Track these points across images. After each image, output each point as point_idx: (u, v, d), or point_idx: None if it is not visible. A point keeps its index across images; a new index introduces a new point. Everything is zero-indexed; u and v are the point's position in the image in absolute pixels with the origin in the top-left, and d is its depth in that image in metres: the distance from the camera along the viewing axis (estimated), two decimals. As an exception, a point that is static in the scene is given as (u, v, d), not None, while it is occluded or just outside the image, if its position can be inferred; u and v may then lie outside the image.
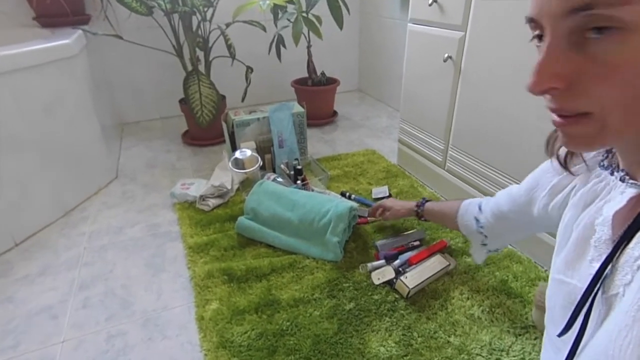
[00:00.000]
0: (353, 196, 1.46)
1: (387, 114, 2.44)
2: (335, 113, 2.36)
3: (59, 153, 1.39)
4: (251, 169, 1.47)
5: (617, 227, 0.39)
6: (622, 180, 0.40)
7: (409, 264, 1.09)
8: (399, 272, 1.05)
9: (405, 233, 1.22)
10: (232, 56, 1.86)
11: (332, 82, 2.27)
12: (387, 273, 1.05)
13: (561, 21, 0.30)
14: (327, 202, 1.20)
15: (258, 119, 1.63)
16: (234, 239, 1.23)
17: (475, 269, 1.09)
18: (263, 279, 1.07)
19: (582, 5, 0.28)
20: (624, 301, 0.35)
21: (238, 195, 1.49)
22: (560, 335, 0.42)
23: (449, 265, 1.07)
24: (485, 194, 1.28)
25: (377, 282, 1.04)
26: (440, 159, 1.47)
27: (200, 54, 1.91)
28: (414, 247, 1.17)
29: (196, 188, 1.47)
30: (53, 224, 1.37)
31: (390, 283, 1.04)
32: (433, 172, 1.53)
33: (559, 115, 0.34)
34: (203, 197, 1.40)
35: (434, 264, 1.06)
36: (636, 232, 0.35)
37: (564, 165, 0.48)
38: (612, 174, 0.42)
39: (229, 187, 1.45)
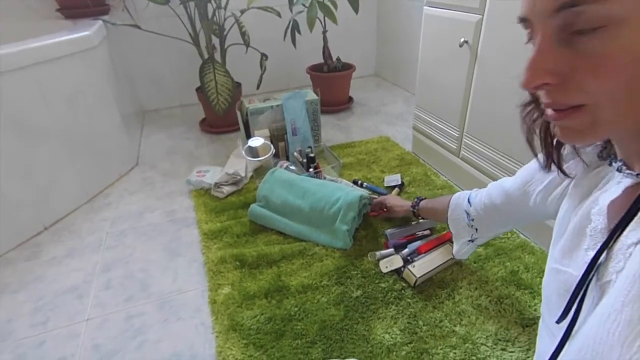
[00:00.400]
0: (365, 184, 1.46)
1: (404, 99, 2.40)
2: (350, 99, 2.34)
3: (83, 142, 1.45)
4: (264, 157, 1.49)
5: (613, 216, 0.40)
6: (619, 170, 0.40)
7: (417, 253, 1.09)
8: (407, 261, 1.06)
9: (416, 222, 1.22)
10: (247, 44, 1.87)
11: (348, 67, 2.24)
12: (395, 261, 1.06)
13: (550, 19, 0.31)
14: (338, 191, 1.21)
15: (272, 107, 1.64)
16: (247, 225, 1.27)
17: (485, 259, 1.09)
18: (273, 265, 1.10)
19: (567, 3, 0.29)
20: (615, 287, 0.36)
21: (252, 182, 1.52)
22: (558, 321, 0.43)
23: (458, 255, 1.06)
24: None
25: (385, 271, 1.05)
26: (455, 147, 1.45)
27: (216, 41, 1.93)
28: (423, 237, 1.17)
29: (211, 175, 1.51)
30: (78, 209, 1.44)
31: (398, 272, 1.05)
32: (447, 160, 1.51)
33: (553, 110, 0.35)
34: (217, 185, 1.44)
35: (443, 254, 1.06)
36: (630, 220, 0.36)
37: (558, 166, 0.48)
38: (610, 164, 0.43)
39: (243, 175, 1.48)
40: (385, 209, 1.24)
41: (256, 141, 1.49)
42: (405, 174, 1.54)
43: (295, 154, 1.58)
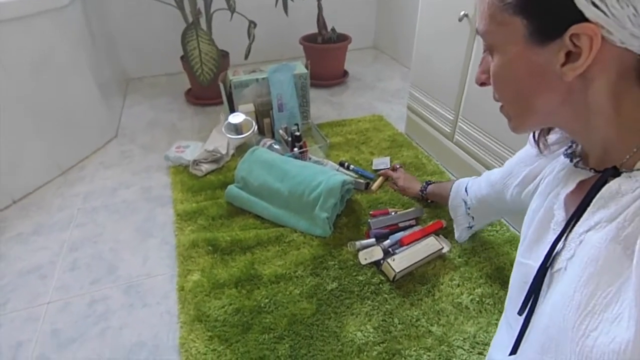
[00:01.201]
0: (352, 166, 1.39)
1: (401, 75, 2.28)
2: (345, 73, 2.22)
3: (52, 112, 1.36)
4: (244, 135, 1.41)
5: (570, 208, 0.44)
6: (575, 165, 0.46)
7: (400, 244, 1.03)
8: (387, 253, 1.01)
9: (401, 211, 1.15)
10: (232, 9, 1.73)
11: (343, 39, 2.11)
12: (375, 253, 1.00)
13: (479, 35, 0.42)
14: (320, 174, 1.13)
15: (257, 80, 1.54)
16: (224, 207, 1.20)
17: (471, 253, 1.03)
18: (247, 251, 1.05)
19: (477, 30, 0.42)
20: (566, 274, 0.39)
21: (233, 160, 1.45)
22: (519, 313, 0.46)
23: (442, 248, 1.01)
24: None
25: (363, 262, 1.00)
26: (449, 131, 1.36)
27: (201, 5, 1.79)
28: (408, 227, 1.11)
29: (191, 151, 1.43)
30: (50, 183, 1.37)
31: (377, 264, 1.00)
32: (440, 143, 1.43)
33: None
34: (196, 162, 1.36)
35: (426, 247, 1.00)
36: (584, 211, 0.39)
37: (536, 142, 0.52)
38: (571, 161, 0.47)
39: (224, 152, 1.40)
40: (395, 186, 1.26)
41: (237, 117, 1.40)
42: (395, 157, 1.46)
43: (281, 131, 1.49)
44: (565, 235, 0.41)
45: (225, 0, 1.70)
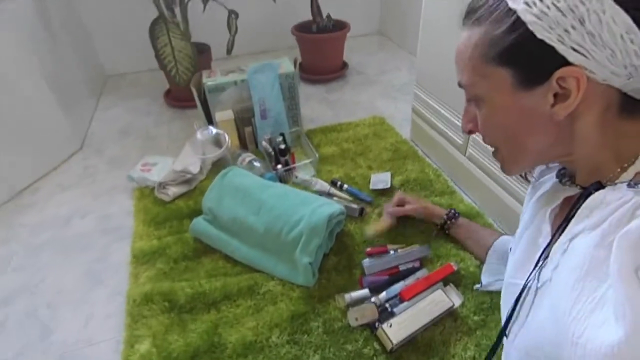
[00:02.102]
0: (345, 186, 1.17)
1: (409, 65, 2.02)
2: (345, 65, 1.97)
3: (-5, 127, 1.17)
4: (211, 155, 1.19)
5: (556, 223, 0.46)
6: (563, 184, 0.47)
7: (400, 299, 0.82)
8: (384, 311, 0.80)
9: (402, 251, 0.94)
10: None
11: (341, 27, 1.85)
12: (368, 313, 0.79)
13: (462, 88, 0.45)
14: (302, 207, 0.92)
15: (235, 82, 1.31)
16: (189, 245, 1.00)
17: (490, 309, 0.82)
18: (212, 308, 0.85)
19: (459, 83, 0.45)
20: (552, 286, 0.40)
21: (208, 179, 1.24)
22: (505, 335, 0.49)
23: (452, 305, 0.79)
24: (511, 193, 0.96)
25: (353, 324, 0.79)
26: (461, 142, 1.13)
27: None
28: (411, 271, 0.90)
29: (159, 170, 1.23)
30: (-3, 210, 1.20)
31: (371, 326, 0.79)
32: (451, 156, 1.19)
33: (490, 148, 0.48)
34: (163, 185, 1.16)
35: (432, 306, 0.79)
36: (568, 223, 0.40)
37: (524, 176, 0.54)
38: (560, 181, 0.48)
39: (195, 172, 1.19)
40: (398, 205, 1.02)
41: (205, 133, 1.18)
42: (398, 172, 1.23)
43: (264, 143, 1.27)
44: (550, 248, 0.43)
45: (195, -13, 1.46)
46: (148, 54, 1.89)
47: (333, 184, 1.18)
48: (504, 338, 0.51)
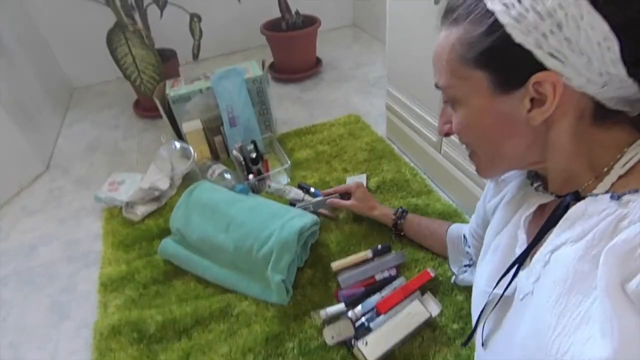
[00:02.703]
0: (312, 190, 1.12)
1: (383, 57, 1.97)
2: (318, 62, 1.92)
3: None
4: (181, 170, 1.15)
5: (531, 232, 0.45)
6: (536, 189, 0.46)
7: (376, 312, 0.80)
8: (361, 327, 0.77)
9: (377, 260, 0.91)
10: (160, 3, 1.41)
11: (311, 22, 1.79)
12: (344, 329, 0.77)
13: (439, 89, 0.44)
14: (272, 220, 0.89)
15: (200, 90, 1.26)
16: (159, 267, 0.96)
17: (468, 317, 0.79)
18: (183, 335, 0.82)
19: (435, 85, 0.44)
20: (534, 299, 0.39)
21: (179, 194, 1.19)
22: (483, 346, 0.49)
23: (430, 316, 0.77)
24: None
25: (330, 343, 0.77)
26: (435, 140, 1.10)
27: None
28: (387, 280, 0.87)
29: (126, 189, 1.18)
30: (-42, 243, 1.14)
31: (348, 343, 0.77)
32: (426, 154, 1.16)
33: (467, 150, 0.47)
34: (130, 204, 1.11)
35: (409, 318, 0.76)
36: (546, 233, 0.40)
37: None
38: (532, 184, 0.48)
39: (164, 188, 1.15)
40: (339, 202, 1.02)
41: (169, 148, 1.13)
42: (374, 172, 1.20)
43: (235, 152, 1.23)
44: (527, 258, 0.43)
45: (148, -7, 1.39)
46: (114, 63, 1.81)
47: (300, 188, 1.14)
48: (481, 347, 0.50)
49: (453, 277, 0.83)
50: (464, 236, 0.79)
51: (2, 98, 1.27)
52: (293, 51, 1.82)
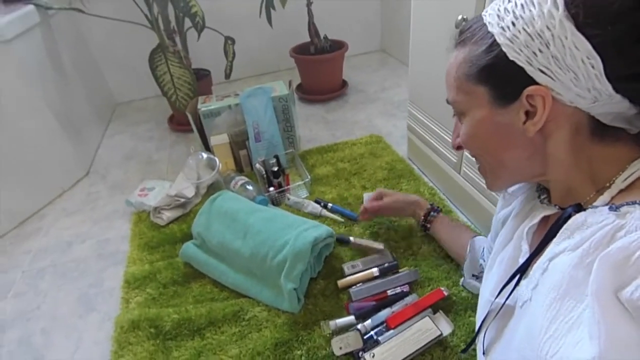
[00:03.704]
0: (330, 205, 1.15)
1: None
2: (344, 84, 1.98)
3: (2, 159, 1.22)
4: (205, 179, 1.21)
5: (534, 242, 0.47)
6: (541, 202, 0.49)
7: (386, 327, 0.80)
8: (369, 340, 0.78)
9: (391, 276, 0.91)
10: (199, 28, 1.53)
11: (339, 47, 1.87)
12: (353, 341, 0.77)
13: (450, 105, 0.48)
14: (287, 230, 0.92)
15: (230, 106, 1.34)
16: (179, 269, 1.01)
17: (481, 337, 0.78)
18: (196, 335, 0.85)
19: (447, 100, 0.48)
20: (531, 305, 0.40)
21: (203, 203, 1.25)
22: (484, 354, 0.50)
23: (440, 334, 0.76)
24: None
25: (337, 353, 0.77)
26: (455, 160, 1.11)
27: (176, 23, 1.62)
28: (399, 296, 0.87)
29: (155, 195, 1.26)
30: (3, 237, 1.24)
31: (355, 355, 0.77)
32: (446, 175, 1.17)
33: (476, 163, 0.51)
34: (158, 209, 1.18)
35: (419, 335, 0.76)
36: (547, 244, 0.41)
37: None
38: (539, 197, 0.50)
39: (190, 196, 1.21)
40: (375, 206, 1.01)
41: (197, 158, 1.20)
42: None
43: (258, 165, 1.28)
44: (529, 267, 0.44)
45: (190, 19, 1.51)
46: (154, 81, 1.96)
47: (317, 203, 1.17)
48: (482, 356, 0.51)
49: (462, 279, 0.83)
50: (483, 248, 0.79)
51: (55, 111, 1.40)
52: (320, 74, 1.90)
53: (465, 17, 0.86)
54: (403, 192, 1.20)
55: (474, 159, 0.50)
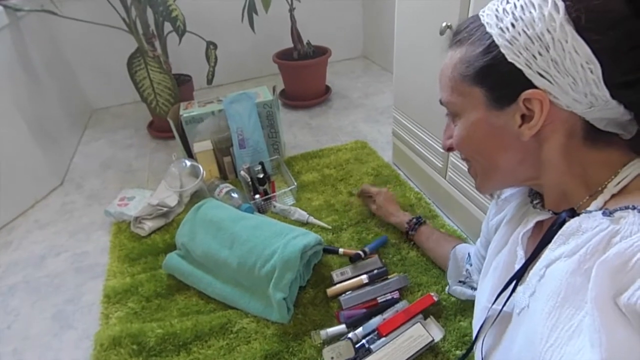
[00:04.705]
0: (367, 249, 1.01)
1: (392, 88, 2.03)
2: (328, 90, 1.99)
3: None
4: (189, 187, 1.18)
5: (529, 248, 0.47)
6: (534, 207, 0.49)
7: (377, 334, 0.79)
8: (361, 348, 0.77)
9: (381, 282, 0.91)
10: (180, 32, 1.50)
11: (322, 52, 1.87)
12: (345, 350, 0.76)
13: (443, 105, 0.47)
14: (275, 239, 0.90)
15: (213, 112, 1.31)
16: (163, 281, 0.97)
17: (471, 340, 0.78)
18: (182, 350, 0.81)
19: (441, 101, 0.47)
20: (529, 312, 0.40)
21: (187, 212, 1.21)
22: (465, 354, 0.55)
23: (432, 340, 0.76)
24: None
25: (329, 364, 0.76)
26: (441, 166, 1.12)
27: (155, 27, 1.58)
28: (390, 303, 0.86)
29: (135, 204, 1.21)
30: (-30, 252, 1.17)
31: (347, 365, 0.76)
32: (432, 180, 1.18)
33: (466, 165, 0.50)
34: (139, 219, 1.14)
35: (410, 342, 0.75)
36: (543, 250, 0.41)
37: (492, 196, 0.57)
38: (531, 202, 0.50)
39: (172, 205, 1.17)
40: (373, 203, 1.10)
41: (179, 166, 1.17)
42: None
43: (242, 172, 1.26)
44: (525, 273, 0.44)
45: (170, 23, 1.48)
46: (132, 86, 1.90)
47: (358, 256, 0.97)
48: None
49: (447, 287, 0.83)
50: (468, 254, 0.80)
51: (26, 116, 1.34)
52: (303, 79, 1.89)
53: (449, 24, 0.87)
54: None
55: (464, 161, 0.50)
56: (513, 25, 0.37)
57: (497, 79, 0.39)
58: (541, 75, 0.36)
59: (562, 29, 0.34)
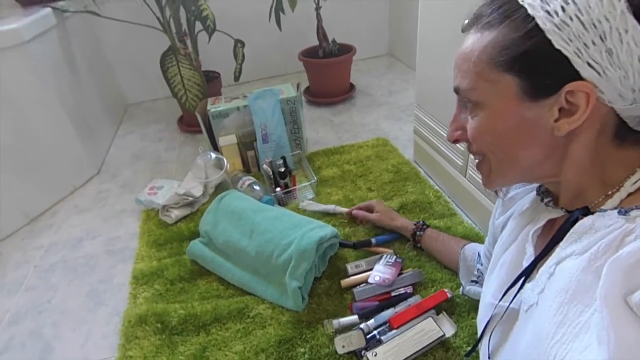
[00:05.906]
0: (373, 240, 1.05)
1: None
2: (352, 87, 2.00)
3: (14, 156, 1.25)
4: (213, 179, 1.23)
5: (539, 245, 0.46)
6: (546, 205, 0.47)
7: (389, 327, 0.80)
8: (372, 339, 0.78)
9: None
10: (209, 30, 1.55)
11: (347, 50, 1.88)
12: (355, 340, 0.78)
13: (458, 94, 0.44)
14: (293, 230, 0.93)
15: (238, 108, 1.36)
16: (186, 267, 1.03)
17: (484, 339, 0.78)
18: (202, 330, 0.86)
19: (455, 88, 0.43)
20: (538, 308, 0.39)
21: (211, 202, 1.27)
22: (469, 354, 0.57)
23: (443, 335, 0.77)
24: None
25: (340, 351, 0.78)
26: (461, 164, 1.11)
27: (186, 26, 1.65)
28: (403, 297, 0.88)
29: (164, 193, 1.28)
30: (16, 233, 1.27)
31: (358, 353, 0.78)
32: (452, 178, 1.17)
33: (475, 159, 0.47)
34: (166, 207, 1.20)
35: (421, 335, 0.76)
36: (553, 247, 0.40)
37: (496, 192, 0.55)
38: (542, 200, 0.48)
39: (198, 195, 1.23)
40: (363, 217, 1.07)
41: (205, 158, 1.22)
42: (398, 194, 1.22)
43: (265, 166, 1.30)
44: (534, 270, 0.43)
45: (201, 22, 1.54)
46: (164, 83, 1.99)
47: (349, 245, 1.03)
48: None
49: (461, 288, 0.82)
50: (478, 254, 0.79)
51: (69, 110, 1.44)
52: (327, 77, 1.92)
53: (471, 21, 0.87)
54: (408, 194, 1.21)
55: (474, 155, 0.46)
56: (563, 8, 0.33)
57: (537, 67, 0.35)
58: (591, 66, 0.33)
59: (623, 17, 0.31)
